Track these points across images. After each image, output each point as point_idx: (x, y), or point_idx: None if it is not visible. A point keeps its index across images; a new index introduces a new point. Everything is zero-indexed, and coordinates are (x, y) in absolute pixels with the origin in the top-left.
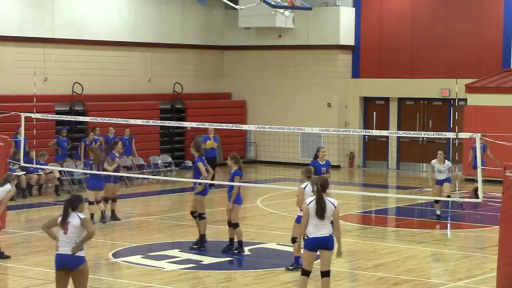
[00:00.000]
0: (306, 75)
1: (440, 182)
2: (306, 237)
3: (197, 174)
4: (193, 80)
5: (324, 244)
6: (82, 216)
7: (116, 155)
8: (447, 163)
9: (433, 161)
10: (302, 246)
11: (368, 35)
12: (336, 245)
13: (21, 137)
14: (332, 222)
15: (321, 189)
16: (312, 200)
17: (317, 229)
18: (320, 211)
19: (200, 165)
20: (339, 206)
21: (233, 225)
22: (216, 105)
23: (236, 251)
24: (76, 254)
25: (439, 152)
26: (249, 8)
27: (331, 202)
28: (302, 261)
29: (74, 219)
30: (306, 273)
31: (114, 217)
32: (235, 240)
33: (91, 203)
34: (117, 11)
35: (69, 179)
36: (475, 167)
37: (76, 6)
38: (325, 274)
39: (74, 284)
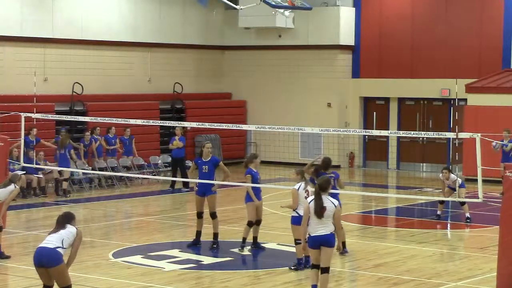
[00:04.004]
0: (306, 75)
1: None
2: (308, 235)
3: (210, 175)
4: (193, 80)
5: (324, 241)
6: (78, 228)
7: None
8: (452, 176)
9: (440, 175)
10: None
11: (368, 35)
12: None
13: (21, 137)
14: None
15: (320, 189)
16: (313, 199)
17: (318, 228)
18: (318, 211)
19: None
20: (339, 206)
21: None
22: (216, 105)
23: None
24: (57, 249)
25: (443, 171)
26: (249, 8)
27: (332, 202)
28: (310, 260)
29: (71, 228)
30: (315, 267)
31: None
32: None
33: None
34: (117, 11)
35: (69, 179)
36: (502, 161)
37: (76, 6)
38: (325, 270)
39: (55, 279)
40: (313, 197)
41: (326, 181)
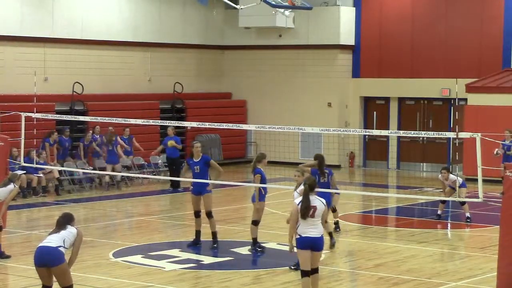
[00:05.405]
0: (306, 75)
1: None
2: (298, 236)
3: (203, 174)
4: (193, 80)
5: (315, 244)
6: (78, 228)
7: None
8: (452, 176)
9: (440, 176)
10: (295, 245)
11: (368, 35)
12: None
13: (21, 137)
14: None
15: (309, 189)
16: (301, 201)
17: (308, 229)
18: (304, 211)
19: (213, 162)
20: (327, 205)
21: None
22: (216, 105)
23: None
24: (59, 248)
25: (442, 171)
26: (249, 7)
27: (321, 201)
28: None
29: (72, 229)
30: (306, 273)
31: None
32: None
33: None
34: (117, 11)
35: (69, 179)
36: (503, 161)
37: (76, 6)
38: (315, 271)
39: (57, 279)
40: (301, 198)
41: (314, 181)
